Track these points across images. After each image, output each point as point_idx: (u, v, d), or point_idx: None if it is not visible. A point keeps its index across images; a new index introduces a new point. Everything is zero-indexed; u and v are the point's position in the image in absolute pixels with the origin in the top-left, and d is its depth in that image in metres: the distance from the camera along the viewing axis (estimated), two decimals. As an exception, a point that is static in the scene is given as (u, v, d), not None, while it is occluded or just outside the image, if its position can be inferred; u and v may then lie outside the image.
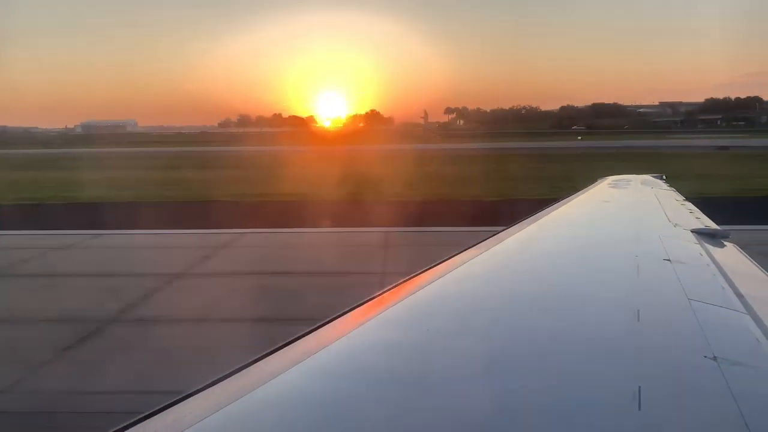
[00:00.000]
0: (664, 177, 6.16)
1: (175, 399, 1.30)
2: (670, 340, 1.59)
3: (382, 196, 22.06)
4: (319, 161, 46.60)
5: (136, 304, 8.75)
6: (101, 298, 9.02)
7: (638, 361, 1.43)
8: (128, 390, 5.83)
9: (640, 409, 1.17)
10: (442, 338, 1.61)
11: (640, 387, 1.25)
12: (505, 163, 40.02)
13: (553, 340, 1.61)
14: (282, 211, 19.33)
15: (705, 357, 1.41)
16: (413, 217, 16.82)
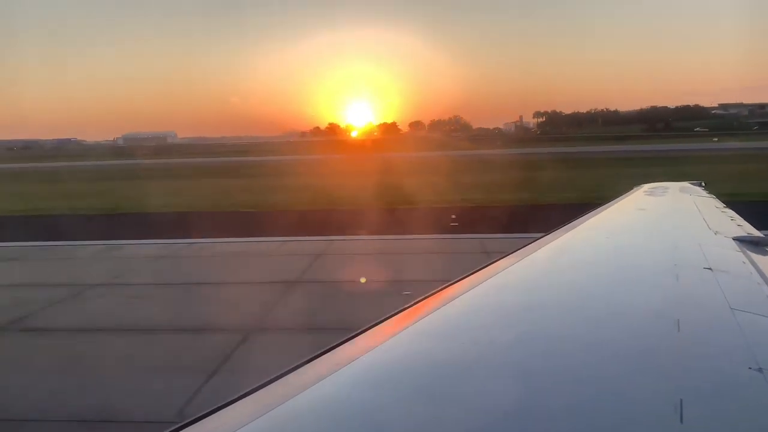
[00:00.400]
0: (703, 184, 6.01)
1: (207, 411, 1.31)
2: (712, 351, 1.54)
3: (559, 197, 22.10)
4: (435, 168, 45.63)
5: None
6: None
7: (680, 373, 1.38)
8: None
9: (682, 422, 1.13)
10: (476, 349, 1.60)
11: (682, 400, 1.21)
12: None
13: (591, 352, 1.57)
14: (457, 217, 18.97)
15: (750, 368, 1.36)
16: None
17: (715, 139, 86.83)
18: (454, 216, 19.00)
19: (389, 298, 9.20)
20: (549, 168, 41.06)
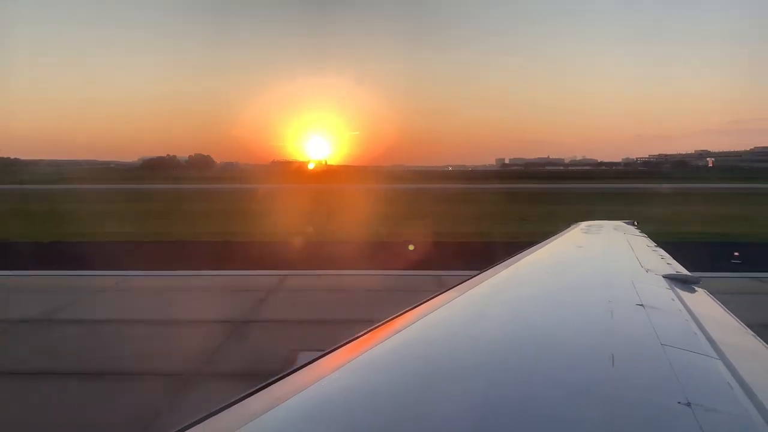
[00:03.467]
0: (636, 223, 6.28)
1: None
2: (644, 386, 1.59)
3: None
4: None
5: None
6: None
7: (614, 406, 1.42)
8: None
9: None
10: (420, 382, 1.59)
11: None
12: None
13: (529, 385, 1.59)
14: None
15: (679, 403, 1.41)
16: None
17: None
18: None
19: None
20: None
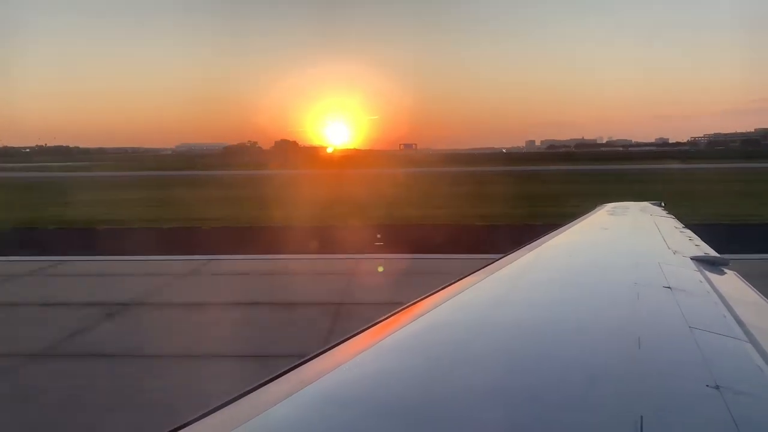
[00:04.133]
0: (663, 204, 6.17)
1: (172, 428, 1.29)
2: (671, 369, 1.57)
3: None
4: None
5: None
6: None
7: (640, 391, 1.41)
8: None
9: None
10: (441, 368, 1.60)
11: (642, 417, 1.23)
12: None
13: (553, 369, 1.59)
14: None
15: (707, 386, 1.39)
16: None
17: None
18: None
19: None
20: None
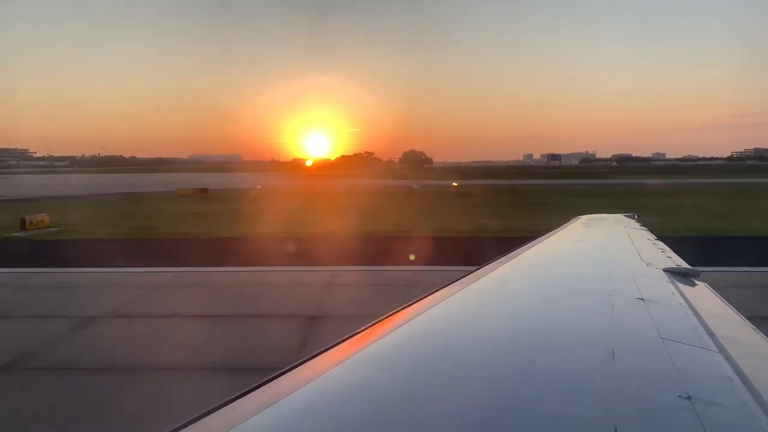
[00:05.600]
0: (636, 216, 6.28)
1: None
2: (644, 380, 1.59)
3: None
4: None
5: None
6: None
7: (613, 401, 1.42)
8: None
9: None
10: (417, 379, 1.59)
11: (615, 427, 1.24)
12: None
13: (528, 380, 1.59)
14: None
15: (679, 397, 1.41)
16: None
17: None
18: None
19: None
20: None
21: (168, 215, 33.83)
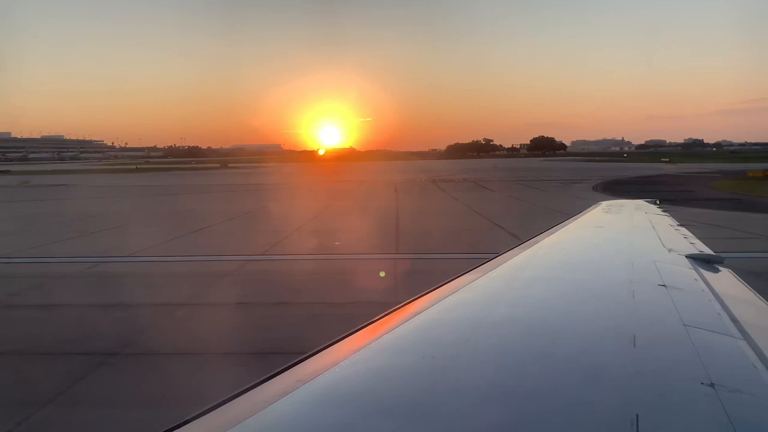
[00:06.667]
0: (658, 202, 6.19)
1: (168, 427, 1.29)
2: (666, 367, 1.58)
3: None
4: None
5: None
6: None
7: (635, 389, 1.41)
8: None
9: None
10: (438, 366, 1.60)
11: (637, 415, 1.23)
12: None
13: (549, 367, 1.59)
14: None
15: (702, 384, 1.40)
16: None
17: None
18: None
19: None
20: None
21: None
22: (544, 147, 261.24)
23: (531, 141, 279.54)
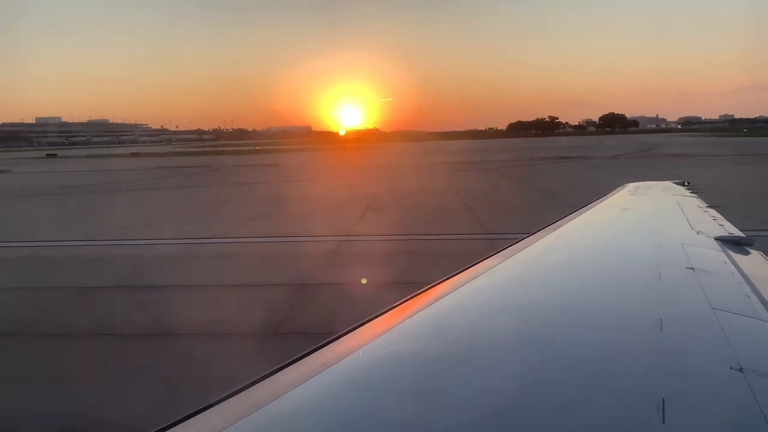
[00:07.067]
0: (687, 183, 6.06)
1: (189, 413, 1.31)
2: (694, 351, 1.55)
3: None
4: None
5: None
6: None
7: (662, 373, 1.40)
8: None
9: (664, 422, 1.14)
10: (462, 349, 1.60)
11: (664, 399, 1.22)
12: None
13: (575, 351, 1.58)
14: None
15: (731, 368, 1.38)
16: None
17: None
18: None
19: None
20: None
21: None
22: (614, 124, 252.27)
23: (600, 119, 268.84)
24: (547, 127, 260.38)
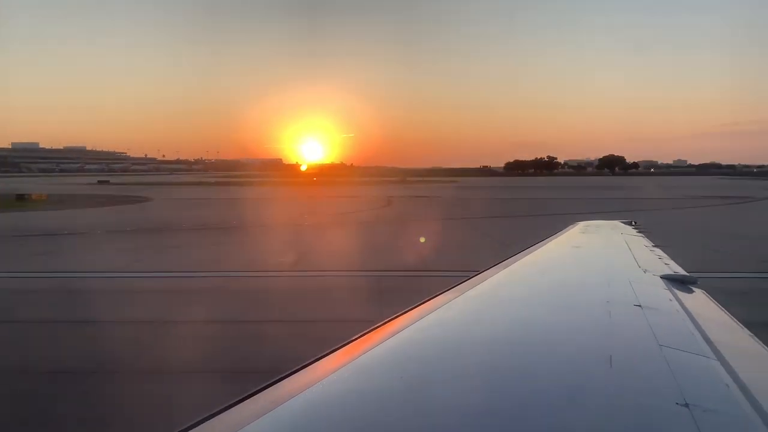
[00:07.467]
0: (634, 222, 6.28)
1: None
2: (642, 387, 1.59)
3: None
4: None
5: None
6: None
7: (611, 408, 1.42)
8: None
9: None
10: (417, 386, 1.59)
11: None
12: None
13: (526, 386, 1.59)
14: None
15: (677, 403, 1.41)
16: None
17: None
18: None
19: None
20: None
21: None
22: (613, 165, 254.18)
23: (600, 160, 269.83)
24: (546, 166, 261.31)
